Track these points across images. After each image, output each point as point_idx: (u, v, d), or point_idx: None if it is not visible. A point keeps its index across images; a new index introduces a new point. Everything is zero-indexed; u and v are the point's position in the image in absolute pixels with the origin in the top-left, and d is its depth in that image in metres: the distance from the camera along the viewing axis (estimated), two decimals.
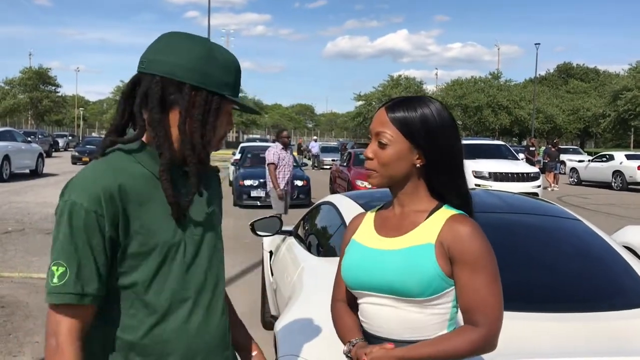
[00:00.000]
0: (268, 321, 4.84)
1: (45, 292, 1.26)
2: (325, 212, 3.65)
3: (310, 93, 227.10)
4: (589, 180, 22.46)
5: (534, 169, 15.64)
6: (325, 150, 34.51)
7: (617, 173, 21.06)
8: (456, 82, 60.41)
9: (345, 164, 16.46)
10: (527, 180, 14.54)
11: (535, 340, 2.01)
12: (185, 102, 1.32)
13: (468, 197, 1.53)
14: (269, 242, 4.96)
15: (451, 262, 1.42)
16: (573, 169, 23.69)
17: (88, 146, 29.36)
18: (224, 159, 37.95)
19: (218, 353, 1.45)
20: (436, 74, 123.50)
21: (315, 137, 42.18)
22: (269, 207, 9.56)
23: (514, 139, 60.87)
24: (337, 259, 2.86)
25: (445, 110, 1.50)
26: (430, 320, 1.44)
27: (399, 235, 1.49)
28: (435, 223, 1.45)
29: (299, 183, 13.74)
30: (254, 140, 34.20)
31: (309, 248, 3.51)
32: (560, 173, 19.78)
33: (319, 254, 3.25)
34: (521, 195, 3.98)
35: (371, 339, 1.50)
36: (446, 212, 1.47)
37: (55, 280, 1.22)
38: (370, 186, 10.78)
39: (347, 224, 2.97)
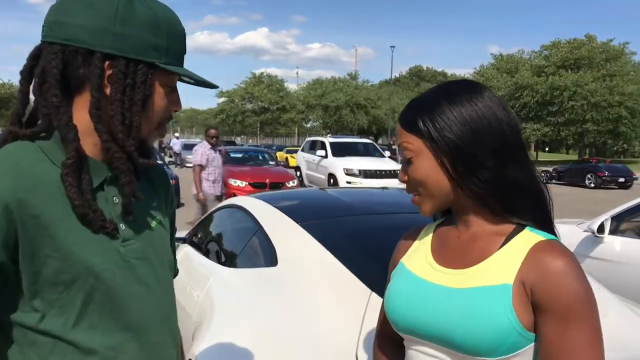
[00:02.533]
0: None
1: None
2: (233, 217, 3.26)
3: None
4: None
5: (398, 165, 16.21)
6: (188, 147, 33.32)
7: None
8: (316, 81, 61.61)
9: None
10: (395, 177, 15.02)
11: None
12: (94, 76, 1.01)
13: (540, 205, 1.13)
14: None
15: (535, 309, 1.04)
16: None
17: None
18: None
19: None
20: (297, 73, 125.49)
21: (177, 134, 40.58)
22: None
23: (370, 137, 63.40)
24: (257, 270, 2.58)
25: (466, 86, 1.14)
26: None
27: (464, 267, 1.12)
28: (514, 253, 1.07)
29: None
30: None
31: (216, 258, 3.11)
32: None
33: (231, 264, 2.87)
34: None
35: None
36: (530, 236, 1.09)
37: None
38: (234, 183, 10.32)
39: (267, 229, 2.68)
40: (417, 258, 1.20)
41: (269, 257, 2.53)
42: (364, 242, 2.56)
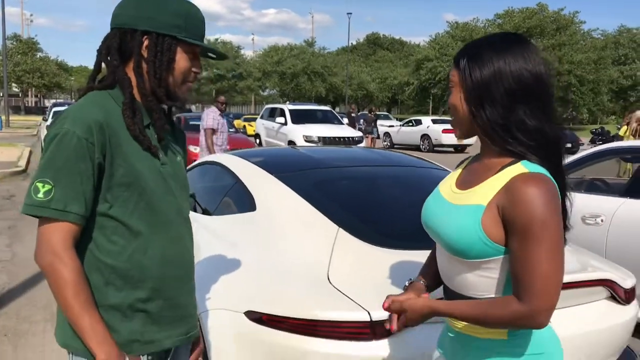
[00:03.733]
0: None
1: (24, 204, 1.36)
2: (212, 173, 3.58)
3: None
4: (401, 143, 24.41)
5: (358, 133, 16.62)
6: None
7: (425, 136, 23.18)
8: (273, 48, 61.13)
9: None
10: (352, 144, 15.41)
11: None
12: (136, 46, 1.48)
13: (547, 144, 1.33)
14: None
15: (505, 227, 1.29)
16: (386, 133, 25.57)
17: None
18: (27, 126, 34.60)
19: (186, 282, 1.61)
20: (252, 40, 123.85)
21: None
22: None
23: (328, 106, 63.54)
24: (238, 215, 2.91)
25: (506, 38, 1.38)
26: (480, 281, 1.37)
27: (465, 189, 1.42)
28: (499, 181, 1.33)
29: None
30: (62, 105, 31.43)
31: (198, 209, 3.43)
32: (376, 137, 21.21)
33: (212, 213, 3.20)
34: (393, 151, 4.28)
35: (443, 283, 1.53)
36: (517, 169, 1.31)
37: (40, 195, 1.35)
38: (197, 151, 10.54)
39: (245, 180, 3.01)
40: (447, 181, 1.54)
41: (248, 204, 2.87)
42: (331, 189, 2.94)
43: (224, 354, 2.24)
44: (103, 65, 1.54)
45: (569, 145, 23.26)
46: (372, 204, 2.86)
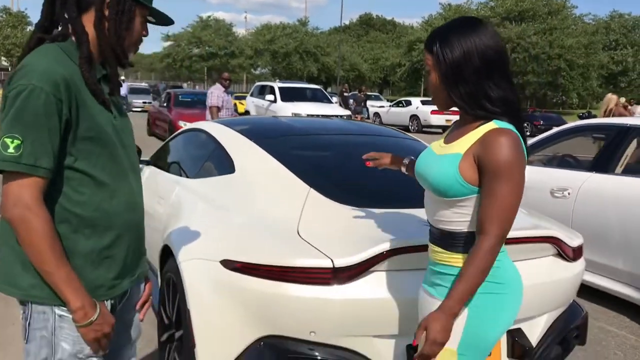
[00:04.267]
0: None
1: None
2: (194, 140, 3.76)
3: None
4: (390, 123, 24.54)
5: (347, 112, 16.77)
6: (134, 91, 32.79)
7: (414, 117, 23.38)
8: (265, 26, 60.71)
9: (165, 104, 16.01)
10: None
11: (405, 227, 2.43)
12: (98, 1, 1.51)
13: (509, 107, 1.64)
14: None
15: (479, 171, 1.61)
16: (376, 114, 25.76)
17: None
18: None
19: (142, 228, 1.72)
20: (245, 18, 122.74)
21: (122, 78, 39.69)
22: None
23: (320, 86, 63.40)
24: (218, 177, 3.10)
25: (467, 22, 1.65)
26: (456, 216, 1.68)
27: (448, 143, 1.73)
28: (475, 136, 1.64)
29: None
30: None
31: (181, 173, 3.62)
32: (366, 118, 21.39)
33: (194, 176, 3.39)
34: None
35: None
36: (489, 126, 1.63)
37: (11, 150, 1.35)
38: (184, 125, 10.74)
39: (225, 145, 3.20)
40: (438, 141, 1.83)
41: (227, 167, 3.07)
42: (305, 154, 3.15)
43: (201, 299, 2.44)
44: None
45: (556, 128, 23.59)
46: (342, 168, 3.07)
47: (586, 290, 4.72)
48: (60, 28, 1.53)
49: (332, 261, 2.19)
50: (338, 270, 2.19)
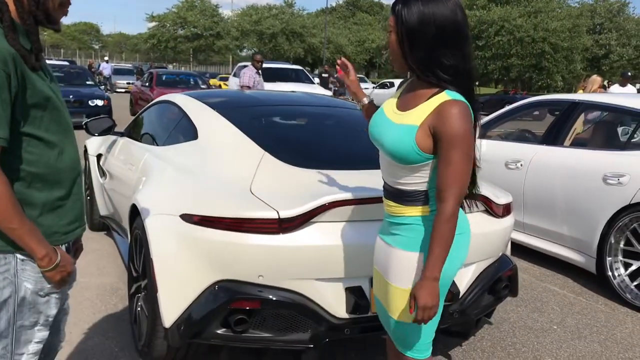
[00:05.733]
0: (97, 222, 5.10)
1: None
2: (164, 111, 4.01)
3: (95, 11, 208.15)
4: None
5: (328, 92, 16.98)
6: (118, 72, 32.72)
7: None
8: (251, 7, 60.43)
9: (147, 84, 16.13)
10: None
11: (347, 185, 2.71)
12: None
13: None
14: (94, 147, 5.14)
15: (434, 140, 1.76)
16: None
17: None
18: None
19: (82, 179, 1.89)
20: None
21: (106, 58, 39.51)
22: None
23: (307, 68, 63.39)
24: (183, 144, 3.36)
25: None
26: (412, 179, 1.84)
27: (404, 111, 1.86)
28: (429, 107, 1.77)
29: (99, 103, 13.35)
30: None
31: (151, 141, 3.87)
32: (348, 99, 21.62)
33: (162, 144, 3.64)
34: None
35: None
36: (442, 97, 1.75)
37: None
38: None
39: (190, 114, 3.45)
40: (389, 103, 1.96)
41: (191, 134, 3.33)
42: (263, 122, 3.43)
43: (163, 249, 2.70)
44: None
45: (536, 112, 23.95)
46: (298, 135, 3.35)
47: (536, 255, 5.07)
48: None
49: (277, 212, 2.46)
50: (283, 221, 2.46)
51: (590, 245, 4.40)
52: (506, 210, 3.04)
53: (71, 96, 12.82)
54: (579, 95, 5.31)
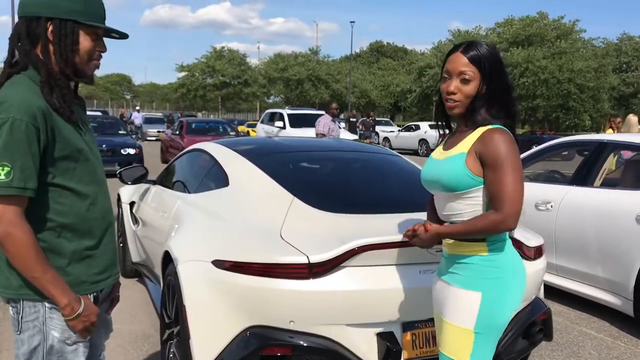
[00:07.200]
0: (129, 269, 5.18)
1: None
2: (196, 159, 4.12)
3: (128, 63, 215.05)
4: (400, 147, 24.91)
5: (354, 136, 17.14)
6: (149, 121, 33.58)
7: (423, 141, 23.72)
8: (278, 55, 61.78)
9: (177, 132, 16.51)
10: None
11: (375, 229, 2.72)
12: (42, 32, 1.68)
13: (515, 116, 2.00)
14: (127, 195, 5.25)
15: (482, 164, 1.90)
16: (385, 138, 26.17)
17: None
18: None
19: (114, 229, 1.94)
20: (259, 48, 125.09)
21: (137, 108, 40.65)
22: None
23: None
24: (214, 191, 3.44)
25: (495, 48, 1.99)
26: (466, 208, 1.96)
27: (451, 148, 2.02)
28: (474, 136, 1.95)
29: (131, 151, 13.67)
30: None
31: (182, 189, 3.96)
32: (375, 143, 21.79)
33: (194, 191, 3.73)
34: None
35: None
36: (486, 127, 1.93)
37: (2, 177, 1.55)
38: None
39: (222, 162, 3.54)
40: (437, 149, 2.14)
41: (222, 181, 3.41)
42: (292, 168, 3.50)
43: (195, 295, 2.74)
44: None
45: (565, 152, 23.72)
46: (325, 180, 3.41)
47: (570, 298, 4.96)
48: (20, 61, 1.71)
49: (307, 257, 2.49)
50: (313, 266, 2.49)
51: (626, 287, 4.30)
52: (538, 252, 3.01)
53: (104, 145, 13.18)
54: (607, 136, 5.29)
